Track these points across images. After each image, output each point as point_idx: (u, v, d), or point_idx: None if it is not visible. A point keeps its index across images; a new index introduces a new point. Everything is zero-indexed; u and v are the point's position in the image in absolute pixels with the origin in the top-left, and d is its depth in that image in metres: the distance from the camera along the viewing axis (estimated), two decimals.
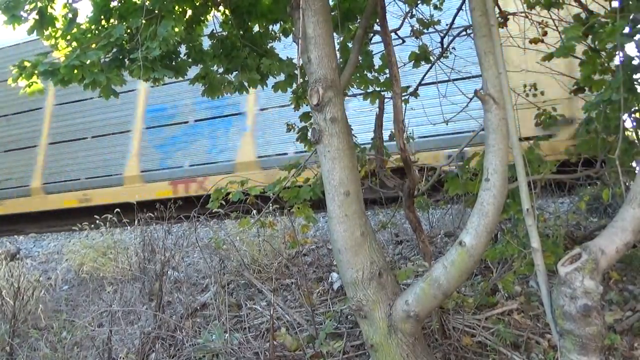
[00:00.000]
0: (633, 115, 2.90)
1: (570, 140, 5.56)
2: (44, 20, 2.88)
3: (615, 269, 3.31)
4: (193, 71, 3.46)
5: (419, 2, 3.52)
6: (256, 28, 3.51)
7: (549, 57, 3.01)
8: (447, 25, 3.54)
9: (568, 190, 4.82)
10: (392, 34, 3.00)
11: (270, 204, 3.33)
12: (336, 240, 2.25)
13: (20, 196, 8.95)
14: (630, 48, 2.58)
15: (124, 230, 5.89)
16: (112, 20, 2.99)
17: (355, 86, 3.66)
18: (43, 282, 4.84)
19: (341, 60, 3.31)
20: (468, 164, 2.87)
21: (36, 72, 2.82)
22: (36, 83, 2.93)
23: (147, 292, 4.36)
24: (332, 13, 2.88)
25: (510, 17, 3.43)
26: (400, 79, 2.87)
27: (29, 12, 2.81)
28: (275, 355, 3.00)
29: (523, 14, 3.39)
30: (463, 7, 3.14)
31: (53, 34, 2.95)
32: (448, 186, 2.82)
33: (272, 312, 3.21)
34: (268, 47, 3.55)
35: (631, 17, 2.30)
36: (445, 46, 3.51)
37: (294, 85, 3.66)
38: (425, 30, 3.59)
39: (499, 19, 3.23)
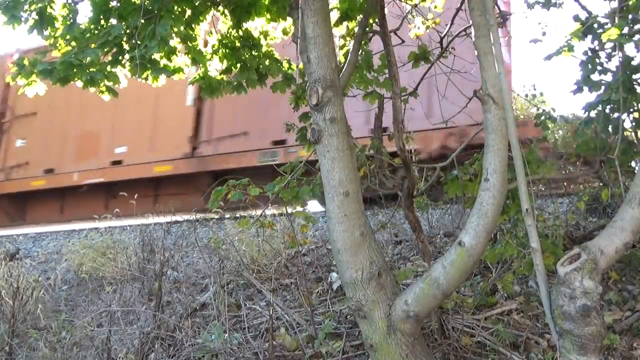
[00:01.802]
0: (632, 115, 2.90)
1: None
2: (44, 20, 2.88)
3: (615, 269, 3.31)
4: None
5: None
6: (255, 28, 3.50)
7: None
8: (446, 25, 3.53)
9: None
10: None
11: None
12: (335, 241, 2.25)
13: None
14: (629, 48, 2.59)
15: (123, 230, 5.88)
16: (111, 20, 2.99)
17: (355, 86, 3.65)
18: (42, 282, 4.82)
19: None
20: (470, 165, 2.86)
21: (35, 70, 2.82)
22: (35, 81, 2.93)
23: (146, 292, 4.35)
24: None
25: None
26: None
27: (28, 12, 2.80)
28: (275, 355, 2.99)
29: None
30: (463, 7, 3.14)
31: (52, 33, 2.95)
32: (448, 187, 2.82)
33: (271, 312, 3.20)
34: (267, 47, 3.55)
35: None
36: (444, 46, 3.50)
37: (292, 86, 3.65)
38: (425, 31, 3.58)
39: (499, 19, 3.23)
